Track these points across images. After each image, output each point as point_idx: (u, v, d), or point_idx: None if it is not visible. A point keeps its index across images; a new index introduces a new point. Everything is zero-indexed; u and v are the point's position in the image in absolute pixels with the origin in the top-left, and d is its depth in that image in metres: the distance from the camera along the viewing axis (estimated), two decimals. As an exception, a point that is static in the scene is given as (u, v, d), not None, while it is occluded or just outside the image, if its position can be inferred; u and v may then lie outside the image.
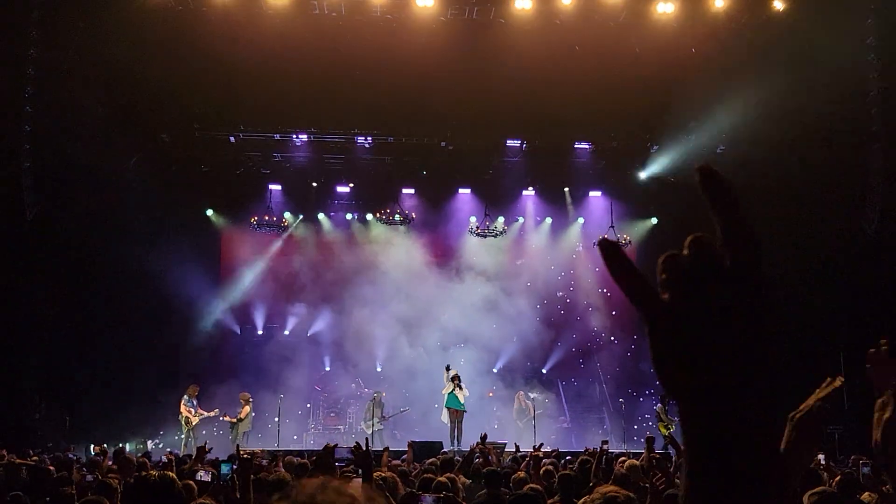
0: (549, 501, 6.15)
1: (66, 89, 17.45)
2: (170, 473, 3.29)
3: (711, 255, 0.75)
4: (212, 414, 17.84)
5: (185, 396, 17.79)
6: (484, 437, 10.73)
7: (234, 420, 17.71)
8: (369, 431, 17.73)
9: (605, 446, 8.83)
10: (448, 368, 17.68)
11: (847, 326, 17.44)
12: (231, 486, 4.77)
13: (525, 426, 18.33)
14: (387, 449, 11.18)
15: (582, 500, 3.19)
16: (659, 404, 19.18)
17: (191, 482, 5.76)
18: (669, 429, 18.41)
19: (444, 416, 17.38)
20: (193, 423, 17.56)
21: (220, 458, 7.91)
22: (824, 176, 18.09)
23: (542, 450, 10.86)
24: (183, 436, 17.45)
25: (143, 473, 3.66)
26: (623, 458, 8.97)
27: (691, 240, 0.76)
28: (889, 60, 18.07)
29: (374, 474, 5.79)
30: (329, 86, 18.42)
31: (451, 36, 18.25)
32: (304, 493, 0.88)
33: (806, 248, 17.96)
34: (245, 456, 4.50)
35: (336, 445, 5.47)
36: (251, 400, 18.22)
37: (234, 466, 5.05)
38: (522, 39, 18.25)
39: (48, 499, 5.78)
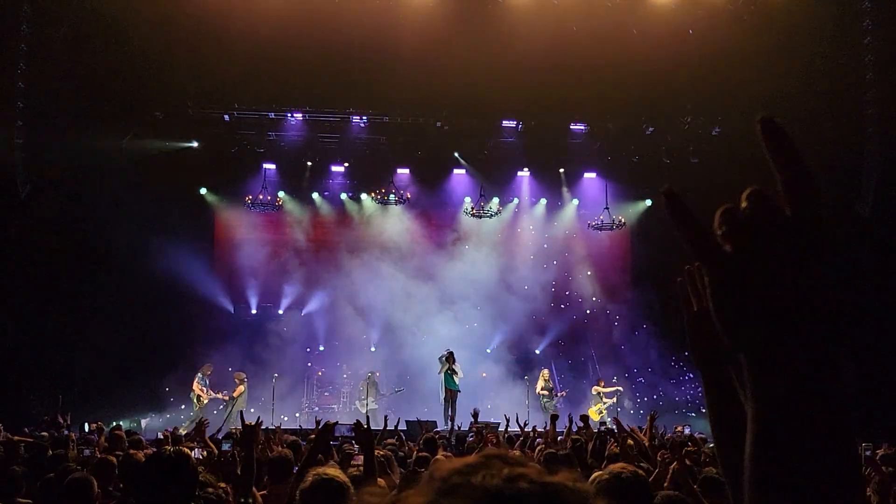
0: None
1: (59, 67, 17.32)
2: (185, 449, 3.31)
3: (771, 207, 0.74)
4: (220, 395, 17.90)
5: (199, 375, 17.87)
6: (476, 413, 10.79)
7: (228, 398, 17.76)
8: (364, 410, 17.82)
9: (602, 428, 8.89)
10: (449, 355, 17.63)
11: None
12: (232, 462, 4.81)
13: (551, 407, 17.89)
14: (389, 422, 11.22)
15: (592, 477, 3.22)
16: (595, 386, 19.26)
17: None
18: (602, 413, 18.46)
19: (441, 396, 17.47)
20: (204, 402, 17.62)
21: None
22: (820, 158, 18.11)
23: (536, 429, 10.98)
24: (193, 413, 17.39)
25: (159, 449, 3.67)
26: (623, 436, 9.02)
27: (749, 192, 0.75)
28: (885, 44, 18.07)
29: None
30: (324, 65, 18.32)
31: (447, 16, 18.16)
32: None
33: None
34: (249, 423, 4.50)
35: (336, 423, 5.48)
36: (245, 379, 18.27)
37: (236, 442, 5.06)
38: (519, 20, 18.18)
39: (51, 475, 5.80)
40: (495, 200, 21.51)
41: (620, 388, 19.09)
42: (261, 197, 20.63)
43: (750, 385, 0.74)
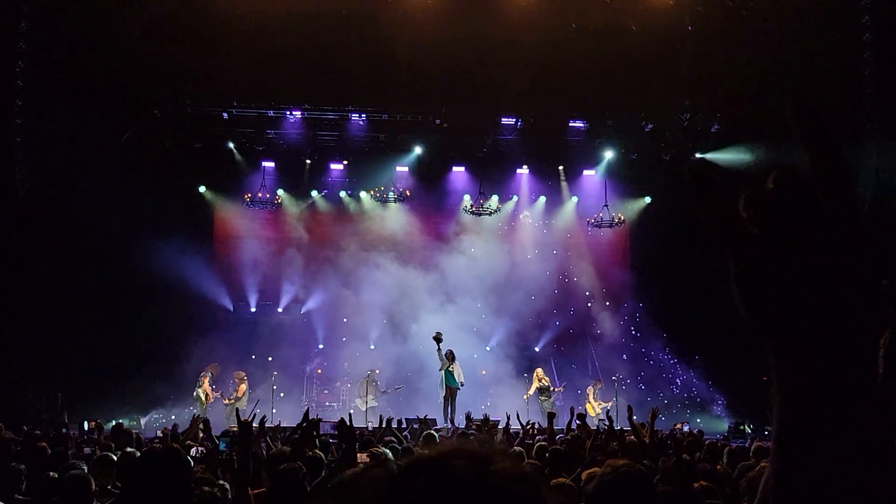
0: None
1: (58, 64, 17.30)
2: (176, 445, 3.30)
3: (800, 188, 0.70)
4: (224, 399, 17.86)
5: (209, 374, 17.86)
6: (468, 416, 10.81)
7: (231, 400, 17.66)
8: (363, 408, 17.82)
9: (601, 425, 8.88)
10: (439, 342, 17.46)
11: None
12: (230, 459, 4.80)
13: (549, 406, 17.64)
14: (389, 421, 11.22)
15: (590, 471, 3.20)
16: (590, 386, 19.24)
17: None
18: (596, 411, 18.42)
19: (441, 394, 17.41)
20: (210, 402, 17.61)
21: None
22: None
23: (535, 427, 10.98)
24: (196, 411, 17.35)
25: (150, 446, 3.66)
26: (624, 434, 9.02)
27: (777, 172, 0.71)
28: (884, 40, 18.06)
29: (372, 450, 5.84)
30: (323, 62, 18.31)
31: (446, 13, 18.15)
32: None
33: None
34: (245, 421, 4.49)
35: (320, 419, 5.48)
36: (245, 378, 18.23)
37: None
38: (518, 16, 18.16)
39: (50, 473, 5.78)
40: (494, 198, 21.48)
41: (601, 412, 18.73)
42: (260, 195, 20.61)
43: (773, 375, 0.71)
